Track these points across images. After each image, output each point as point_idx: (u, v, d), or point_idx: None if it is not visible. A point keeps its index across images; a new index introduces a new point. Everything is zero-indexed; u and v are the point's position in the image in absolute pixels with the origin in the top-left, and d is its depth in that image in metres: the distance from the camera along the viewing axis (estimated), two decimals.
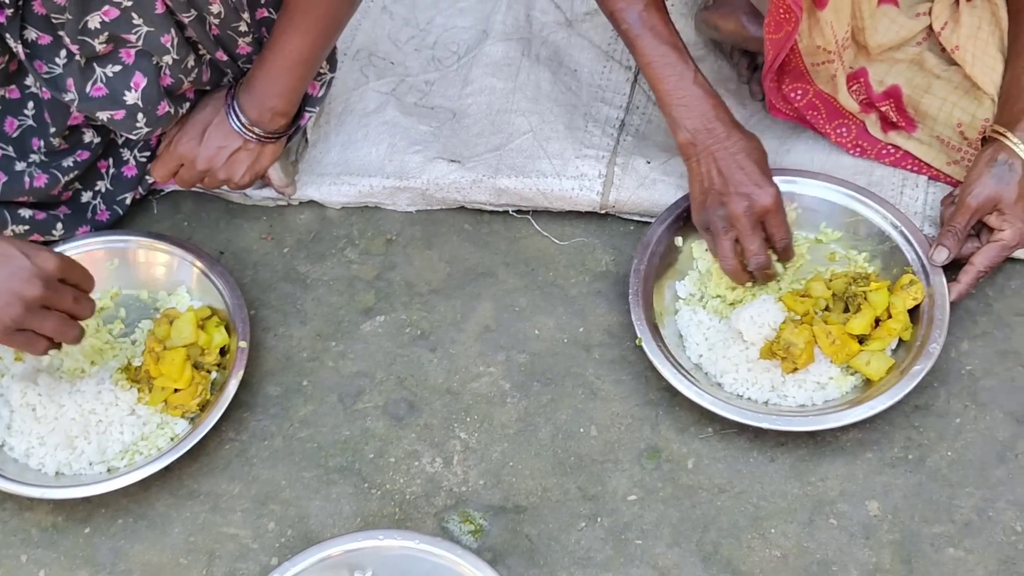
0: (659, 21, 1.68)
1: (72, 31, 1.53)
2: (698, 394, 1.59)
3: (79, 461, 1.62)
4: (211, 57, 1.72)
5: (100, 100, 1.60)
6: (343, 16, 1.68)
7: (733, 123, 1.69)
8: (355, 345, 1.76)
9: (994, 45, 1.78)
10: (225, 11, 1.62)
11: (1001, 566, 1.51)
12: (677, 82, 1.68)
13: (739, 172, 1.66)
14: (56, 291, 1.47)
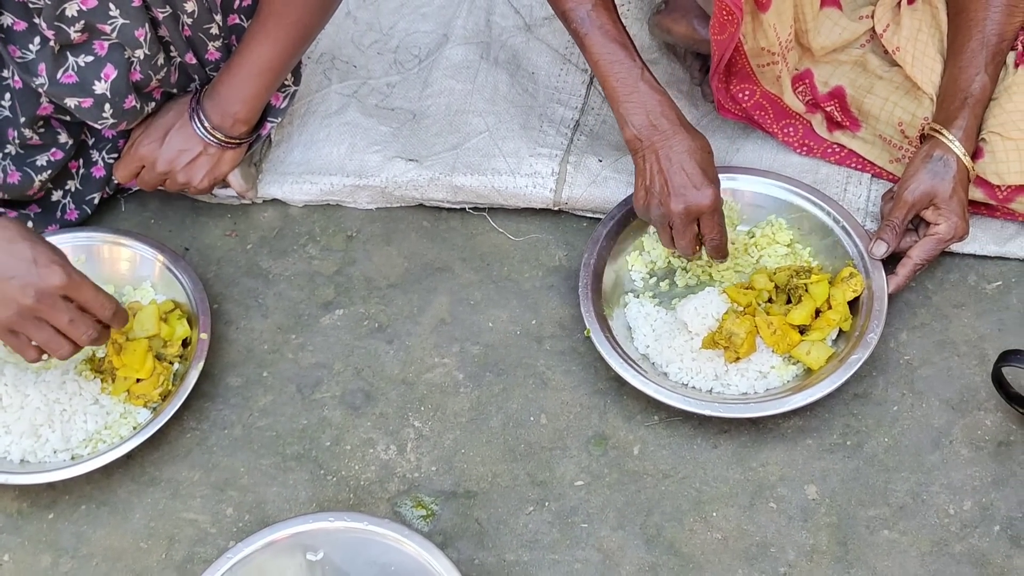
0: (607, 20, 1.71)
1: (49, 17, 1.58)
2: (644, 383, 1.64)
3: (44, 449, 1.67)
4: (181, 60, 1.77)
5: (70, 87, 1.66)
6: (315, 26, 1.74)
7: (679, 121, 1.72)
8: (314, 338, 1.81)
9: (933, 47, 1.84)
10: (199, 11, 1.68)
11: (934, 547, 1.56)
12: (624, 79, 1.71)
13: (680, 172, 1.68)
14: (52, 307, 1.51)
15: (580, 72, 2.05)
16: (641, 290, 1.79)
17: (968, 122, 1.73)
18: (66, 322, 1.53)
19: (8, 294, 1.49)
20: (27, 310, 1.50)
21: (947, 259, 1.81)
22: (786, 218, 1.82)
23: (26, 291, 1.49)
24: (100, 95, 1.68)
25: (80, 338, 1.55)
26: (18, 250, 1.50)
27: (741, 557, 1.57)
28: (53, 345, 1.55)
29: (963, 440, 1.65)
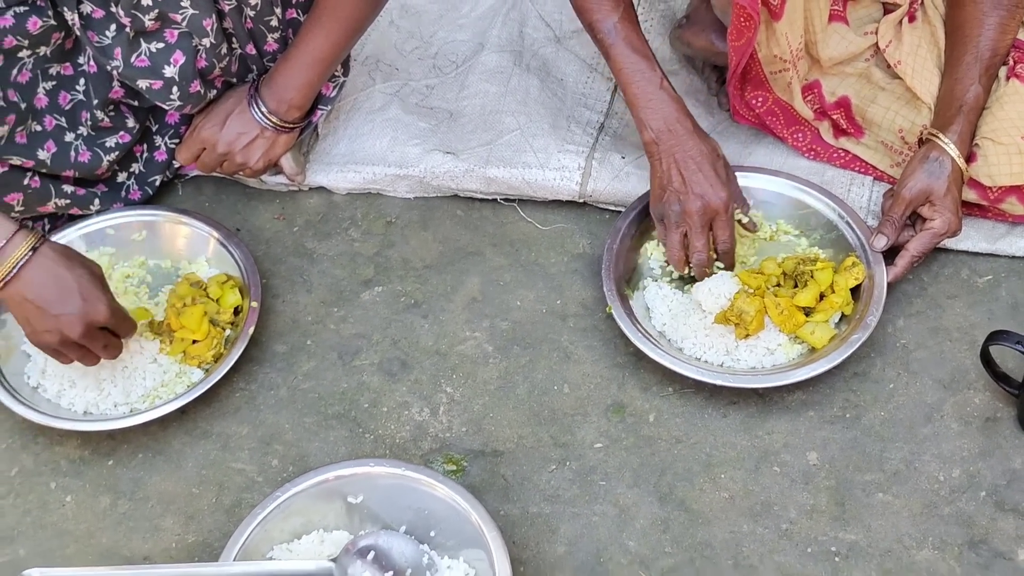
0: (631, 32, 1.87)
1: (127, 5, 1.74)
2: (661, 356, 1.78)
3: (105, 402, 1.81)
4: (241, 51, 1.93)
5: (142, 70, 1.82)
6: (365, 20, 1.90)
7: (694, 127, 1.86)
8: (355, 311, 1.95)
9: (932, 61, 1.99)
10: (261, 4, 1.84)
11: (925, 509, 1.69)
12: (645, 86, 1.86)
13: (697, 173, 1.83)
14: (91, 337, 1.68)
15: (605, 80, 2.21)
16: (659, 275, 1.93)
17: (963, 127, 1.88)
18: (100, 348, 1.72)
19: (57, 326, 1.65)
20: (69, 340, 1.67)
21: (942, 255, 1.95)
22: (795, 214, 1.97)
23: (74, 326, 1.66)
24: (169, 78, 1.84)
25: (107, 357, 1.74)
26: (65, 283, 1.65)
27: (747, 514, 1.70)
28: (87, 360, 1.73)
29: (953, 415, 1.78)
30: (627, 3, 1.86)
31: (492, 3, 2.36)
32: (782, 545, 1.67)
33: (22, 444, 1.81)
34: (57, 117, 1.89)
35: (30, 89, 1.85)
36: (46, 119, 1.88)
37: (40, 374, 1.83)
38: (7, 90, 1.80)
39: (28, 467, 1.79)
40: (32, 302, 1.62)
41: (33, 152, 1.86)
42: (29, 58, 1.82)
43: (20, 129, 1.83)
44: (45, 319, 1.63)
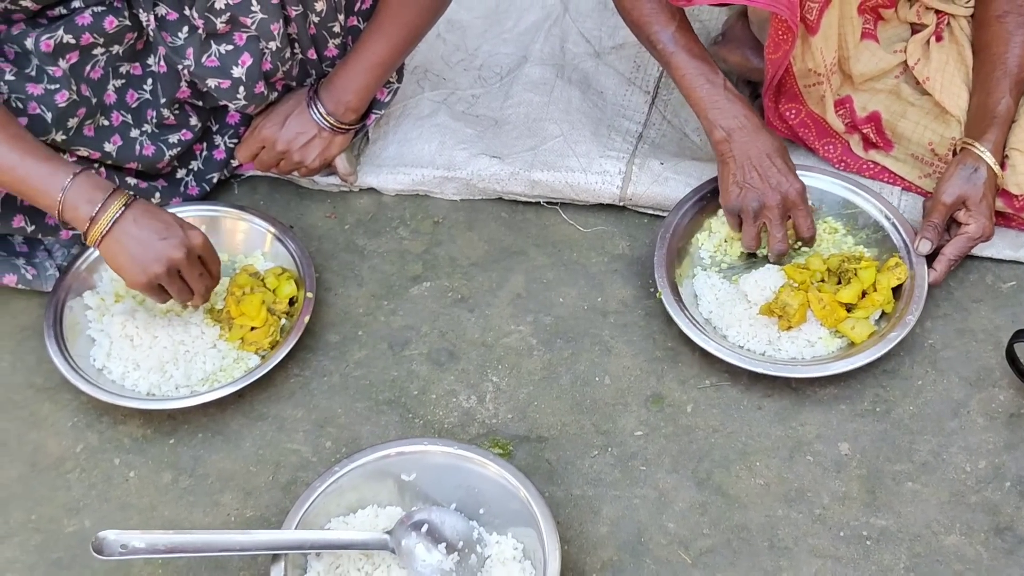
0: (690, 40, 1.96)
1: (201, 8, 1.85)
2: (706, 341, 1.87)
3: (168, 384, 1.89)
4: (303, 56, 2.03)
5: (212, 69, 1.92)
6: (424, 26, 2.00)
7: (761, 123, 1.96)
8: (404, 304, 2.04)
9: (959, 77, 2.08)
10: (327, 10, 1.94)
11: (952, 497, 1.77)
12: (711, 89, 1.94)
13: (771, 168, 1.92)
14: (191, 263, 1.80)
15: (643, 93, 2.31)
16: (708, 265, 2.02)
17: (996, 136, 1.96)
18: (196, 276, 1.82)
19: (163, 252, 1.77)
20: (175, 264, 1.78)
21: (968, 261, 2.03)
22: (842, 213, 2.06)
23: (178, 249, 1.78)
24: (236, 79, 1.94)
25: (200, 289, 1.84)
26: (164, 217, 1.80)
27: (781, 500, 1.78)
28: (184, 295, 1.83)
29: (979, 411, 1.86)
30: (682, 13, 1.95)
31: (534, 19, 2.46)
32: (815, 529, 1.74)
33: (87, 423, 1.89)
34: (124, 113, 1.99)
35: (101, 86, 1.95)
36: (113, 115, 1.98)
37: (105, 357, 1.92)
38: (80, 85, 1.90)
39: (93, 444, 1.87)
40: (135, 237, 1.75)
41: (100, 144, 1.95)
42: (102, 56, 1.92)
43: (89, 123, 1.93)
44: (152, 247, 1.75)
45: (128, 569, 1.73)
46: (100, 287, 2.00)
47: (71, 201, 1.75)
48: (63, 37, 1.86)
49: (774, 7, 1.85)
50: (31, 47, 1.86)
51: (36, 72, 1.87)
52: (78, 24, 1.86)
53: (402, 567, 1.64)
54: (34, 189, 1.75)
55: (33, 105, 1.85)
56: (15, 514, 1.80)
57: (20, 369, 1.97)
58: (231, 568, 1.72)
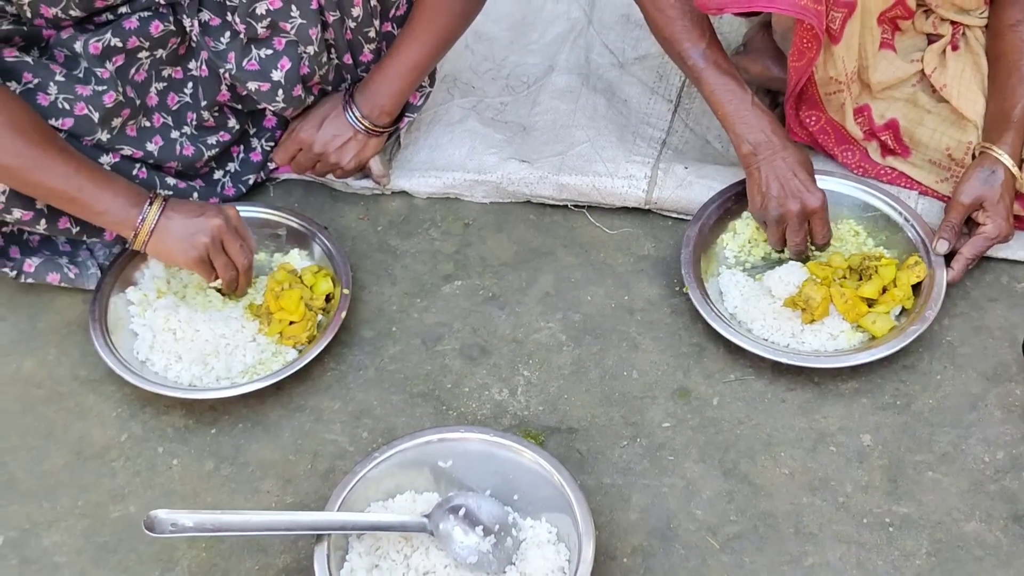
0: (720, 56, 2.03)
1: (243, 13, 1.92)
2: (731, 333, 1.93)
3: (209, 376, 1.95)
4: (339, 62, 2.10)
5: (252, 73, 1.99)
6: (456, 31, 2.08)
7: (786, 137, 2.03)
8: (436, 302, 2.10)
9: (976, 84, 2.15)
10: (363, 15, 2.02)
11: (972, 486, 1.82)
12: (739, 105, 2.01)
13: (794, 179, 2.00)
14: (231, 235, 1.93)
15: (666, 102, 2.38)
16: (733, 264, 2.09)
17: (1014, 140, 2.03)
18: (237, 248, 1.93)
19: (204, 224, 1.89)
20: (218, 234, 1.90)
21: (984, 262, 2.10)
22: (863, 216, 2.13)
23: (216, 217, 1.90)
24: (276, 81, 2.01)
25: (240, 260, 1.95)
26: (193, 204, 1.95)
27: (805, 488, 1.83)
28: (227, 270, 1.93)
29: (996, 404, 1.92)
30: (712, 30, 2.02)
31: (559, 31, 2.54)
32: (839, 516, 1.80)
33: (131, 413, 1.95)
34: (165, 116, 2.06)
35: (144, 88, 2.02)
36: (155, 116, 2.05)
37: (148, 349, 1.98)
38: (125, 87, 1.97)
39: (137, 434, 1.93)
40: (177, 223, 1.89)
41: (142, 144, 2.03)
42: (146, 59, 1.99)
43: (132, 123, 2.01)
44: (193, 224, 1.90)
45: (172, 553, 1.78)
46: (142, 284, 2.06)
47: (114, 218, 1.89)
48: (111, 40, 1.93)
49: (802, 14, 1.92)
50: (80, 50, 1.93)
51: (84, 74, 1.94)
52: (125, 28, 1.94)
53: (440, 549, 1.69)
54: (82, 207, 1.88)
55: (80, 106, 1.92)
56: (62, 500, 1.85)
57: (65, 362, 2.03)
58: (273, 551, 1.78)
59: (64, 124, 1.92)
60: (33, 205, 1.95)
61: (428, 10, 2.04)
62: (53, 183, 1.83)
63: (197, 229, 1.89)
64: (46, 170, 1.81)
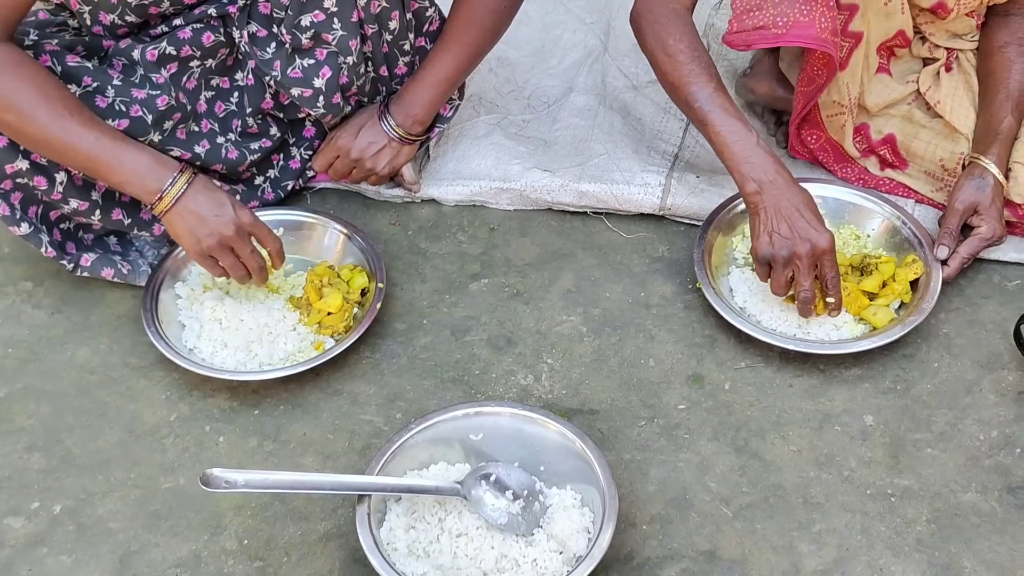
0: (725, 99, 2.05)
1: (289, 25, 2.09)
2: (741, 323, 2.07)
3: (252, 362, 2.09)
4: (375, 74, 2.27)
5: (296, 80, 2.15)
6: (486, 46, 2.25)
7: (791, 177, 2.03)
8: (465, 298, 2.24)
9: (968, 101, 2.31)
10: (399, 28, 2.19)
11: (968, 461, 1.95)
12: (744, 145, 2.02)
13: (801, 220, 1.98)
14: (241, 240, 2.02)
15: (678, 121, 2.54)
16: (742, 264, 2.23)
17: (1000, 151, 2.19)
18: (248, 253, 2.05)
19: (214, 226, 2.00)
20: (225, 239, 2.01)
21: (977, 263, 2.24)
22: (863, 222, 2.27)
23: (228, 225, 2.01)
24: (317, 88, 2.17)
25: (253, 267, 2.06)
26: (217, 196, 2.03)
27: (812, 463, 1.96)
28: (236, 270, 2.05)
29: (990, 389, 2.05)
30: (717, 74, 2.10)
31: (577, 57, 2.71)
32: (844, 488, 1.92)
33: (179, 396, 2.08)
34: (212, 122, 2.22)
35: (194, 95, 2.18)
36: (203, 122, 2.21)
37: (196, 338, 2.12)
38: (178, 92, 2.13)
39: (185, 414, 2.05)
40: (194, 212, 1.99)
41: (191, 147, 2.18)
42: (197, 68, 2.16)
43: (182, 126, 2.16)
44: (206, 223, 1.99)
45: (219, 520, 1.90)
46: (189, 279, 2.20)
47: (140, 177, 1.98)
48: (166, 49, 2.10)
49: (824, 47, 2.06)
50: (137, 57, 2.09)
51: (140, 80, 2.10)
52: (179, 38, 2.10)
53: (472, 512, 1.82)
54: (108, 167, 1.96)
55: (135, 108, 2.08)
56: (116, 473, 1.97)
57: (117, 351, 2.16)
58: (314, 518, 1.90)
59: (120, 125, 2.06)
60: (88, 195, 2.10)
61: (459, 25, 2.21)
62: (80, 147, 1.93)
63: (207, 230, 2.00)
64: (75, 136, 1.93)
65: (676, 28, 2.10)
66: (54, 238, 2.15)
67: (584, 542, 1.79)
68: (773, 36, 2.04)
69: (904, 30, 2.23)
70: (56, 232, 2.16)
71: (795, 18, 2.00)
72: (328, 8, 2.07)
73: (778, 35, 2.03)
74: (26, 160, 2.01)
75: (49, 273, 2.28)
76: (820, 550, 1.84)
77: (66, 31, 2.16)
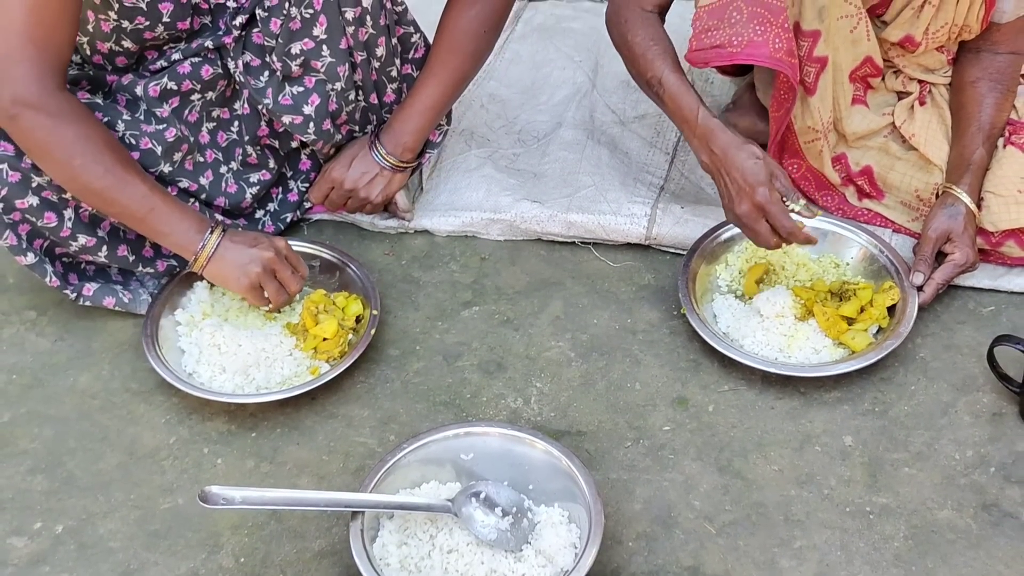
0: (678, 80, 2.17)
1: (280, 52, 2.17)
2: (725, 347, 2.14)
3: (250, 386, 2.15)
4: (365, 103, 2.35)
5: (286, 107, 2.24)
6: (470, 72, 2.33)
7: (730, 143, 2.12)
8: (456, 325, 2.31)
9: (941, 134, 2.39)
10: (386, 55, 2.27)
11: (944, 480, 2.01)
12: (693, 120, 2.16)
13: (736, 183, 2.10)
14: (281, 263, 2.15)
15: (663, 154, 2.62)
16: (725, 292, 2.30)
17: (972, 181, 2.27)
18: (288, 275, 2.13)
19: (257, 255, 2.11)
20: (269, 263, 2.11)
21: (952, 290, 2.31)
22: (843, 251, 2.34)
23: (268, 249, 2.12)
24: (307, 115, 2.25)
25: (292, 287, 2.16)
26: (250, 233, 2.17)
27: (793, 482, 2.02)
28: (279, 294, 2.14)
29: (965, 411, 2.11)
30: (674, 58, 2.22)
31: (566, 94, 2.80)
32: (824, 506, 1.98)
33: (178, 419, 2.14)
34: (216, 152, 2.30)
35: (196, 127, 2.26)
36: (208, 152, 2.29)
37: (195, 363, 2.18)
38: (181, 126, 2.21)
39: (184, 437, 2.11)
40: (234, 251, 2.12)
41: (196, 178, 2.26)
42: (198, 101, 2.24)
43: (189, 157, 2.24)
44: (247, 254, 2.11)
45: (217, 539, 1.96)
46: (189, 307, 2.27)
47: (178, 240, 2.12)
48: (167, 84, 2.18)
49: (778, 65, 2.16)
50: (140, 93, 2.18)
51: (144, 115, 2.18)
52: (180, 72, 2.19)
53: (462, 529, 1.87)
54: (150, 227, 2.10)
55: (145, 141, 2.16)
56: (116, 494, 2.03)
57: (118, 376, 2.22)
58: (309, 536, 1.95)
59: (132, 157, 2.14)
60: (95, 232, 2.17)
61: (443, 52, 2.29)
62: (129, 202, 2.05)
63: (251, 259, 2.11)
64: (126, 190, 2.04)
65: (639, 26, 2.24)
66: (57, 269, 2.22)
67: (571, 557, 1.84)
68: (728, 54, 2.14)
69: (872, 57, 2.32)
70: (59, 264, 2.23)
71: (750, 38, 2.10)
72: (317, 36, 2.16)
73: (733, 53, 2.13)
74: (36, 197, 2.09)
75: (52, 302, 2.35)
76: (801, 565, 1.89)
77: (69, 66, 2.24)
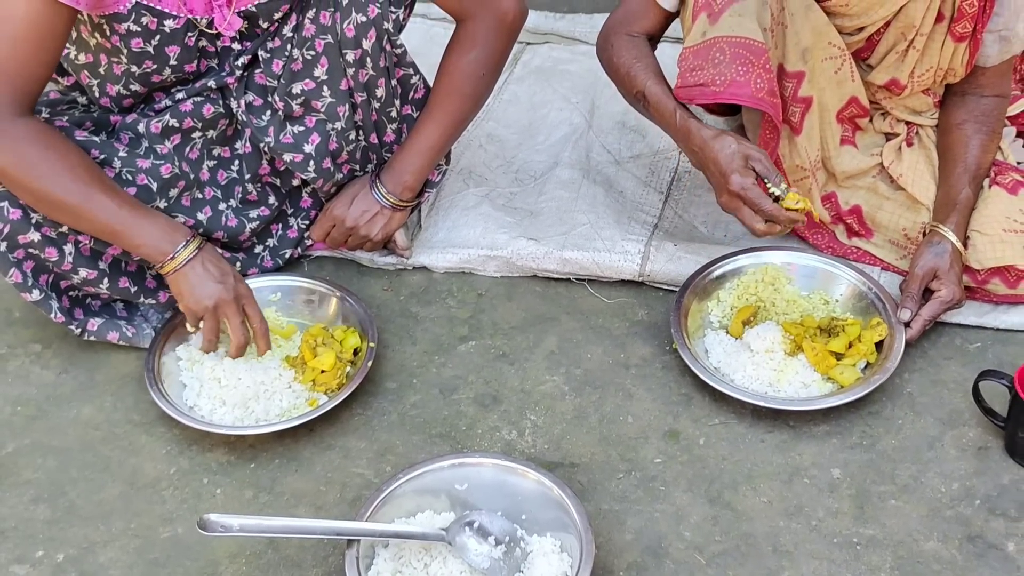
0: (660, 89, 2.27)
1: (282, 92, 2.24)
2: (716, 382, 2.18)
3: (249, 418, 2.19)
4: (365, 143, 2.41)
5: (287, 145, 2.30)
6: (469, 114, 2.39)
7: (704, 140, 2.20)
8: (453, 359, 2.36)
9: (928, 174, 2.45)
10: (386, 95, 2.33)
11: (930, 512, 2.04)
12: (673, 123, 2.26)
13: (716, 174, 2.19)
14: (234, 309, 2.16)
15: (657, 193, 2.68)
16: (716, 328, 2.35)
17: (958, 220, 2.32)
18: (237, 324, 2.17)
19: (213, 290, 2.15)
20: (221, 303, 2.15)
21: (939, 327, 2.35)
22: (831, 287, 2.39)
23: (227, 291, 2.16)
24: (308, 153, 2.31)
25: (238, 338, 2.18)
26: (222, 265, 2.19)
27: (782, 514, 2.05)
28: (210, 334, 2.18)
29: (952, 444, 2.15)
30: (658, 71, 2.31)
31: (563, 134, 2.86)
32: (812, 537, 2.01)
33: (179, 451, 2.18)
34: (215, 189, 2.36)
35: (197, 164, 2.32)
36: (207, 190, 2.35)
37: (196, 396, 2.22)
38: (181, 163, 2.27)
39: (184, 467, 2.15)
40: (199, 273, 2.14)
41: (194, 213, 2.31)
42: (199, 139, 2.30)
43: (187, 194, 2.30)
44: (207, 286, 2.14)
45: (215, 568, 1.99)
46: (192, 341, 2.31)
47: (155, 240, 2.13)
48: (169, 121, 2.24)
49: (760, 105, 2.21)
50: (143, 130, 2.24)
51: (145, 151, 2.24)
52: (182, 111, 2.25)
53: (456, 557, 1.91)
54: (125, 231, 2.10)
55: (141, 177, 2.22)
56: (116, 523, 2.07)
57: (120, 408, 2.27)
58: (306, 565, 1.98)
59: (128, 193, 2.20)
60: (96, 265, 2.23)
61: (443, 95, 2.35)
62: (97, 216, 2.07)
63: (208, 293, 2.14)
64: (94, 205, 2.07)
65: (624, 48, 2.35)
66: (63, 304, 2.27)
67: None
68: (712, 92, 2.20)
69: (857, 97, 2.38)
70: (65, 299, 2.28)
71: (732, 78, 2.16)
72: (318, 77, 2.22)
73: (716, 92, 2.19)
74: (37, 232, 2.15)
75: (57, 336, 2.40)
76: None
77: (75, 108, 2.31)
